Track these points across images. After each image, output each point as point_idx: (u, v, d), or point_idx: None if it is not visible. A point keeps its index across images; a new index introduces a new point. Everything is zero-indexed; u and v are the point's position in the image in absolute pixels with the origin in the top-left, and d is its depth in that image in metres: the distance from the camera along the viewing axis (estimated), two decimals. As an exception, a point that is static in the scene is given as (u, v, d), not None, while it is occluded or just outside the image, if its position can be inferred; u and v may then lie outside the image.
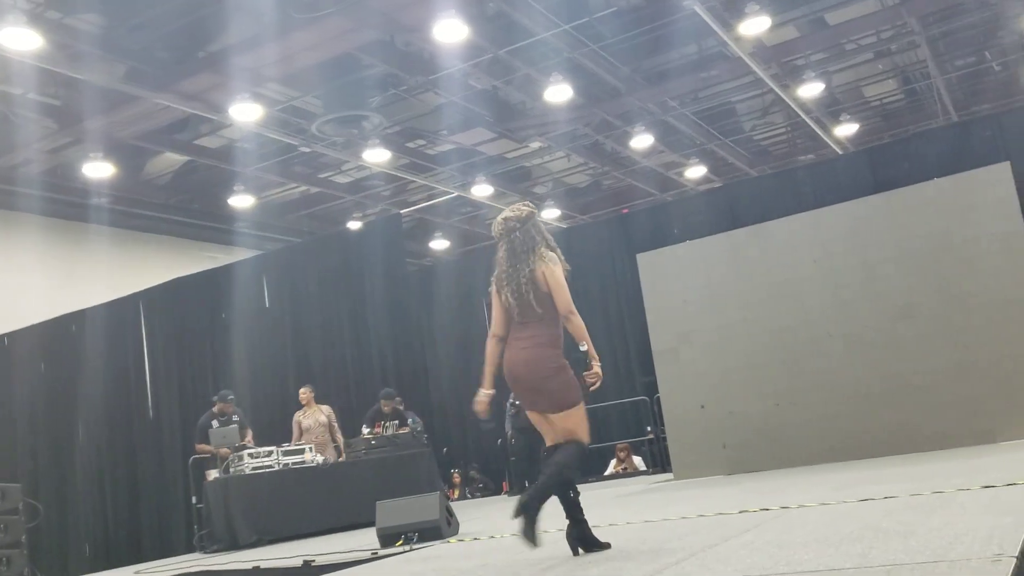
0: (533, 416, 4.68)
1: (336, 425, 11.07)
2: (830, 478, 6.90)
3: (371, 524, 8.01)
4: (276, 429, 11.28)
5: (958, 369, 8.09)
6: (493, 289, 4.67)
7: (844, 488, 5.91)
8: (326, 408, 11.10)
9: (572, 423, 4.51)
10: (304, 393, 11.04)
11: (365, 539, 7.41)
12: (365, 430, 10.53)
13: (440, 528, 6.49)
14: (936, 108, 17.03)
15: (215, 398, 10.89)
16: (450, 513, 6.81)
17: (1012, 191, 8.03)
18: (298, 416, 11.03)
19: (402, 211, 19.36)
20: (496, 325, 4.65)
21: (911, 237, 8.37)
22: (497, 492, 14.41)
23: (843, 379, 8.56)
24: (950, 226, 8.20)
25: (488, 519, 8.37)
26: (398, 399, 11.44)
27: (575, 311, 4.55)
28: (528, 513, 4.25)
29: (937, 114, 17.14)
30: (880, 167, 11.52)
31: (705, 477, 9.02)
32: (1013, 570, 2.73)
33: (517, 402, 12.37)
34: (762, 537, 4.18)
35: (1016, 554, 2.86)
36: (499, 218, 4.70)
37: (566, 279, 4.63)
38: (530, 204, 4.80)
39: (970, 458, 6.86)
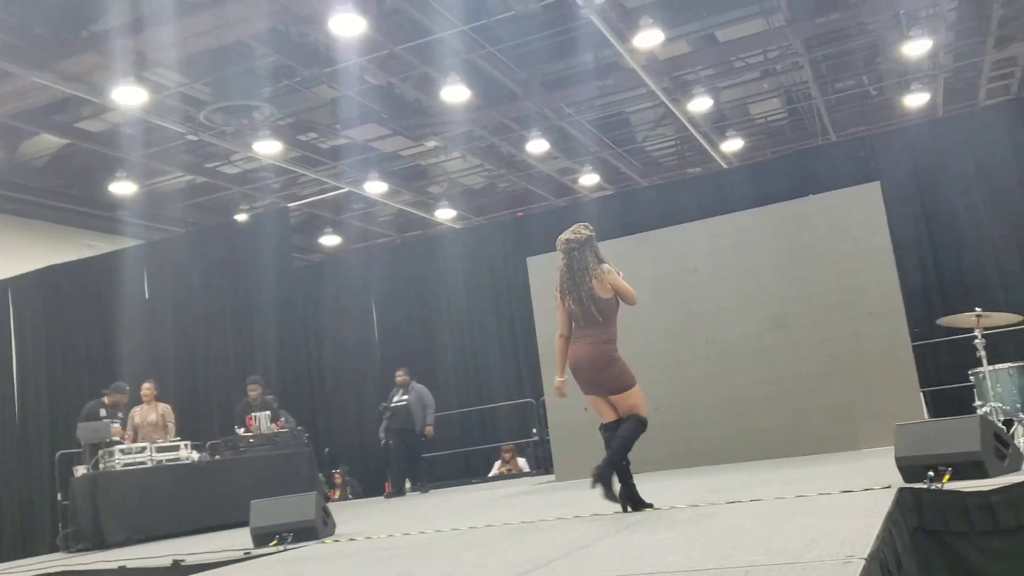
0: (593, 400, 5.66)
1: (171, 425, 10.44)
2: (704, 481, 7.11)
3: (247, 524, 7.85)
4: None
5: (826, 378, 8.47)
6: (557, 296, 5.64)
7: (715, 491, 6.10)
8: (163, 406, 10.52)
9: (631, 402, 5.58)
10: (147, 389, 10.46)
11: (239, 539, 7.25)
12: (239, 429, 10.27)
13: (316, 528, 6.39)
14: (816, 128, 17.75)
15: (107, 389, 10.37)
16: (327, 513, 6.72)
17: (881, 210, 8.45)
18: (134, 411, 10.42)
19: (292, 205, 19.03)
20: (562, 326, 5.65)
21: (787, 250, 8.72)
22: (379, 493, 14.31)
23: (720, 385, 8.84)
24: (823, 240, 8.58)
25: (367, 519, 8.30)
26: (270, 396, 11.19)
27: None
28: (604, 480, 5.32)
29: (817, 134, 17.86)
30: (762, 182, 11.92)
31: (587, 479, 9.14)
32: (862, 571, 2.87)
33: (391, 405, 12.36)
34: (632, 538, 4.28)
35: (865, 556, 3.01)
36: (562, 238, 5.65)
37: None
38: (588, 227, 5.70)
39: (834, 464, 7.18)
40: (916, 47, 13.64)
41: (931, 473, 4.56)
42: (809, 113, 17.75)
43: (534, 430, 13.07)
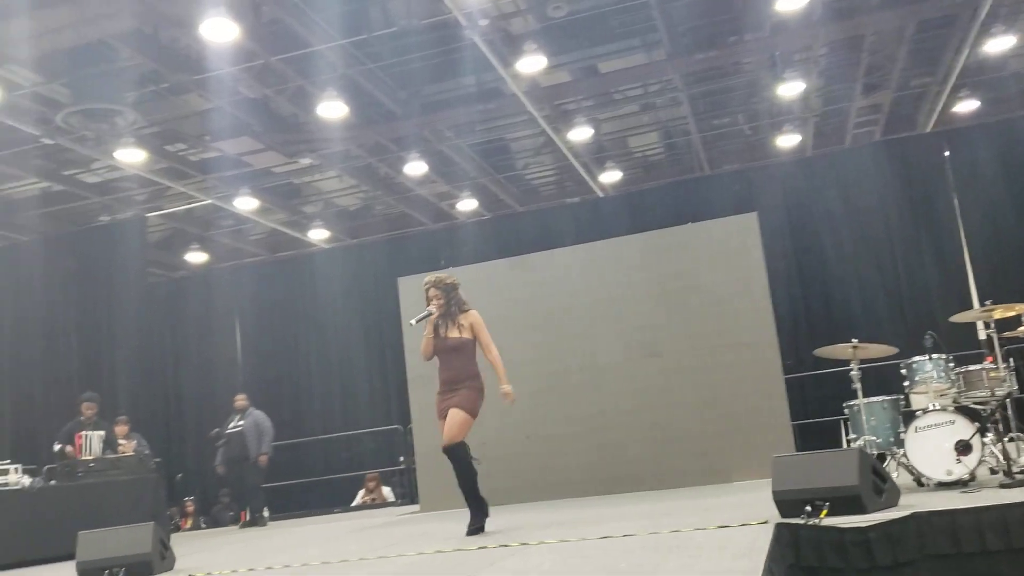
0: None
1: None
2: (572, 514, 6.86)
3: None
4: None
5: (698, 408, 8.39)
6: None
7: (585, 524, 5.83)
8: None
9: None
10: None
11: (67, 573, 6.56)
12: (58, 447, 9.44)
13: (152, 562, 5.81)
14: (693, 163, 18.03)
15: None
16: (164, 546, 6.13)
17: (758, 240, 8.48)
18: None
19: (155, 216, 18.05)
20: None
21: (664, 277, 8.64)
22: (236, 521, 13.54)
23: (588, 413, 8.66)
24: (700, 269, 8.53)
25: (213, 552, 7.69)
26: (122, 417, 10.40)
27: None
28: None
29: (694, 168, 18.13)
30: (639, 211, 11.95)
31: (452, 509, 8.77)
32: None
33: (226, 432, 11.74)
34: (500, 573, 3.94)
35: (746, 596, 2.77)
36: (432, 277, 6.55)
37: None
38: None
39: (707, 497, 7.04)
40: (789, 88, 14.00)
41: (808, 508, 4.41)
42: (686, 148, 18.02)
43: (401, 458, 12.65)
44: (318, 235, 21.10)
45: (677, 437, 8.38)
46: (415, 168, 17.07)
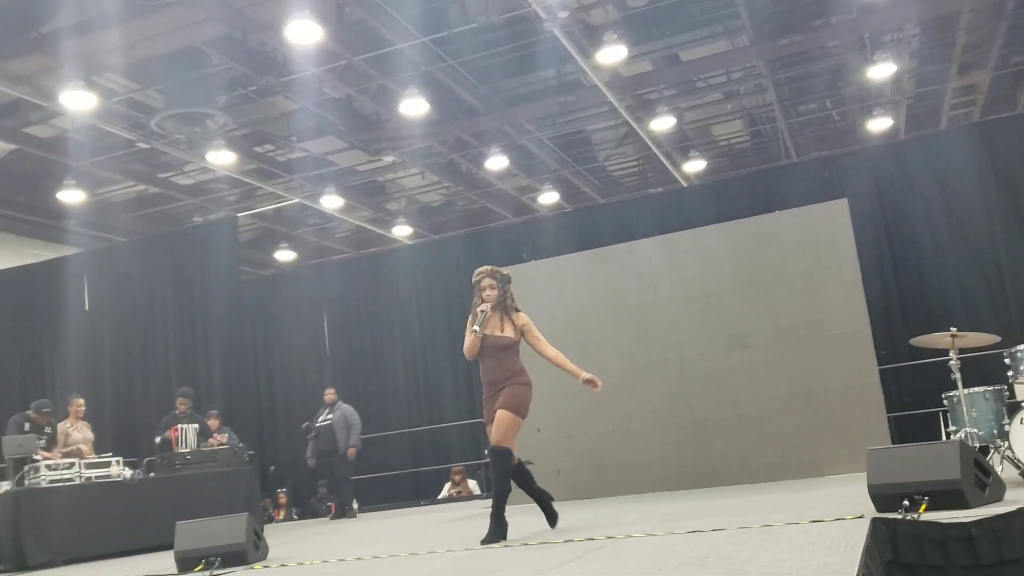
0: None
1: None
2: (660, 508, 6.77)
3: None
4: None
5: (788, 401, 8.18)
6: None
7: (672, 519, 5.76)
8: (88, 425, 10.08)
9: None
10: (79, 405, 10.00)
11: (166, 562, 6.78)
12: (159, 440, 9.76)
13: (246, 552, 5.95)
14: (780, 151, 17.65)
15: (33, 406, 9.83)
16: (259, 536, 6.28)
17: (848, 227, 8.24)
18: (66, 427, 9.89)
19: (245, 216, 18.52)
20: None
21: (750, 267, 8.46)
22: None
23: (674, 407, 8.53)
24: (788, 258, 8.33)
25: (305, 543, 7.85)
26: (214, 411, 10.69)
27: None
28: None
29: (780, 156, 17.75)
30: (723, 201, 11.74)
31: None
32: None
33: (316, 425, 11.94)
34: (584, 569, 3.92)
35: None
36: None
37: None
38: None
39: (798, 491, 6.88)
40: (880, 71, 13.57)
41: (906, 502, 4.25)
42: (772, 135, 17.65)
43: (485, 451, 12.70)
44: (401, 231, 21.35)
45: (767, 430, 8.20)
46: (496, 163, 17.12)
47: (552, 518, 6.11)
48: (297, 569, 5.52)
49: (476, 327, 5.99)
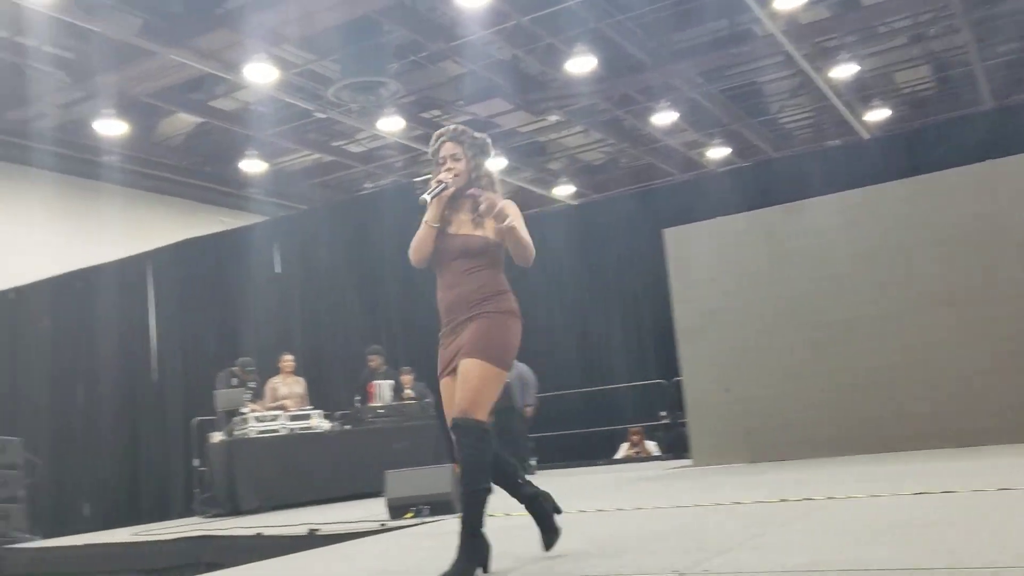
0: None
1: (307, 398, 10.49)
2: (865, 470, 6.54)
3: (374, 495, 7.71)
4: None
5: (1000, 362, 7.68)
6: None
7: (888, 481, 5.55)
8: (303, 380, 10.56)
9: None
10: (289, 361, 10.50)
11: (372, 509, 7.11)
12: (358, 400, 10.20)
13: (452, 502, 6.17)
14: (971, 96, 16.56)
15: (237, 363, 10.47)
16: (463, 487, 6.49)
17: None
18: (274, 382, 10.39)
19: (416, 180, 18.98)
20: None
21: (955, 221, 7.95)
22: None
23: (874, 366, 8.14)
24: (999, 209, 7.78)
25: (503, 496, 8.03)
26: (407, 368, 11.05)
27: None
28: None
29: (971, 103, 16.66)
30: (915, 152, 11.11)
31: (726, 464, 8.67)
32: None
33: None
34: (818, 526, 3.84)
35: None
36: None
37: None
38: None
39: (1016, 456, 6.48)
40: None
41: None
42: (964, 80, 16.57)
43: (662, 412, 12.62)
44: (563, 191, 21.41)
45: (975, 392, 7.73)
46: (663, 118, 16.87)
47: (550, 535, 3.98)
48: (505, 520, 5.67)
49: (427, 218, 3.78)
